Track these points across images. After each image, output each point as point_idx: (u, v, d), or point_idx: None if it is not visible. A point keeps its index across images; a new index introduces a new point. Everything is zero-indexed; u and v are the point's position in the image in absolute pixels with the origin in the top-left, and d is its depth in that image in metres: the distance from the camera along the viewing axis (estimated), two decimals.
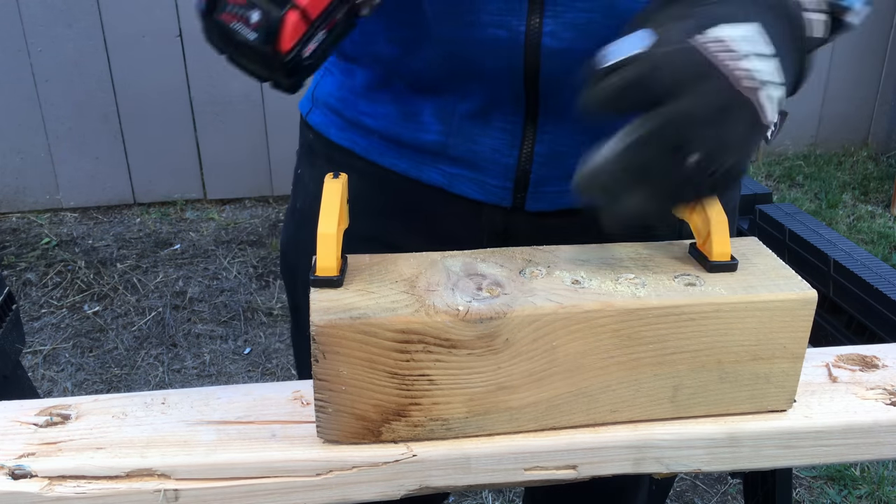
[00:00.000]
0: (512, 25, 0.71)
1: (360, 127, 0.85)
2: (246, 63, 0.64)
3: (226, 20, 0.61)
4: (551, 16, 0.71)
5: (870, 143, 4.09)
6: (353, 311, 0.54)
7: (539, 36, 0.72)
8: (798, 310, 0.59)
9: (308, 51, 0.63)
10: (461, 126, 0.80)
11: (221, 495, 0.57)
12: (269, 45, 0.60)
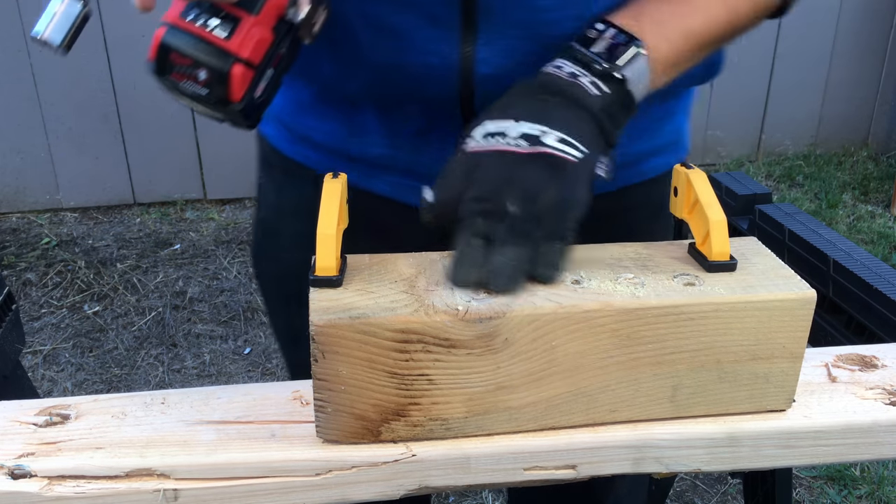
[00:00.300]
0: (444, 53, 0.73)
1: (309, 141, 0.86)
2: (202, 110, 0.65)
3: (176, 79, 0.63)
4: (484, 43, 0.73)
5: (870, 143, 4.09)
6: (353, 311, 0.54)
7: (472, 63, 0.73)
8: (797, 309, 0.59)
9: (259, 91, 0.65)
10: (406, 140, 0.81)
11: (221, 495, 0.57)
12: (220, 99, 0.63)
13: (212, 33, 0.62)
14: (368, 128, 0.82)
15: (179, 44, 0.62)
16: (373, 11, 0.72)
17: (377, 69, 0.75)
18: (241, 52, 0.62)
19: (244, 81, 0.63)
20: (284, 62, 0.67)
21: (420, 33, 0.72)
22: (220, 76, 0.62)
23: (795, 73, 3.81)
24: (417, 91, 0.76)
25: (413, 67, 0.74)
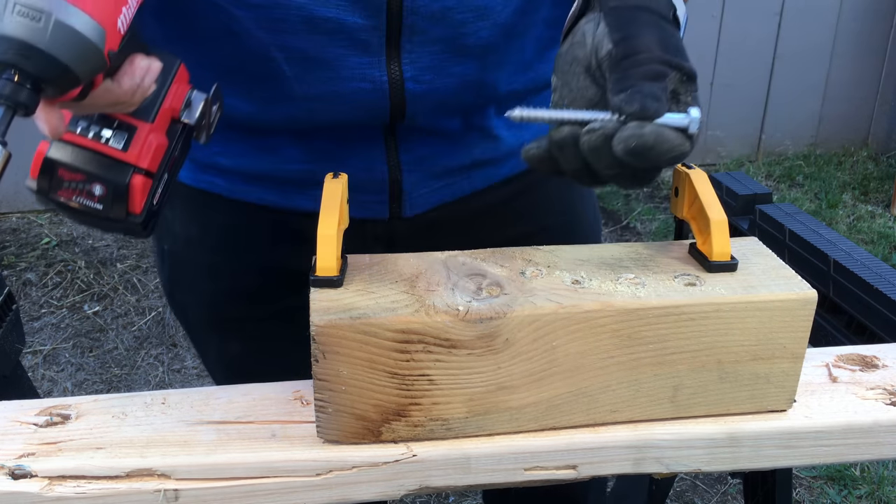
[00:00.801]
0: (374, 77, 0.73)
1: (216, 168, 0.84)
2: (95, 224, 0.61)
3: (65, 197, 0.58)
4: (408, 63, 0.74)
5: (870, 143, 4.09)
6: (353, 311, 0.54)
7: (402, 82, 0.74)
8: (798, 310, 0.59)
9: (157, 198, 0.62)
10: (325, 153, 0.80)
11: (221, 495, 0.57)
12: (119, 213, 0.59)
13: (107, 145, 0.58)
14: (284, 149, 0.81)
15: (68, 158, 0.58)
16: (299, 46, 0.71)
17: (304, 102, 0.75)
18: (141, 163, 0.59)
19: (144, 192, 0.60)
20: (178, 164, 0.65)
21: (349, 61, 0.72)
22: (119, 190, 0.58)
23: (795, 73, 3.81)
24: (346, 116, 0.76)
25: (343, 95, 0.74)
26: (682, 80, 0.59)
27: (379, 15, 0.70)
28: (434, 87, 0.75)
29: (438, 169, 0.84)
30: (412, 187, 0.83)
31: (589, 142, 0.56)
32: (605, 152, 0.56)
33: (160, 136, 0.61)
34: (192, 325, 0.99)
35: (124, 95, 0.56)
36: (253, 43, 0.72)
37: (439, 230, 0.84)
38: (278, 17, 0.70)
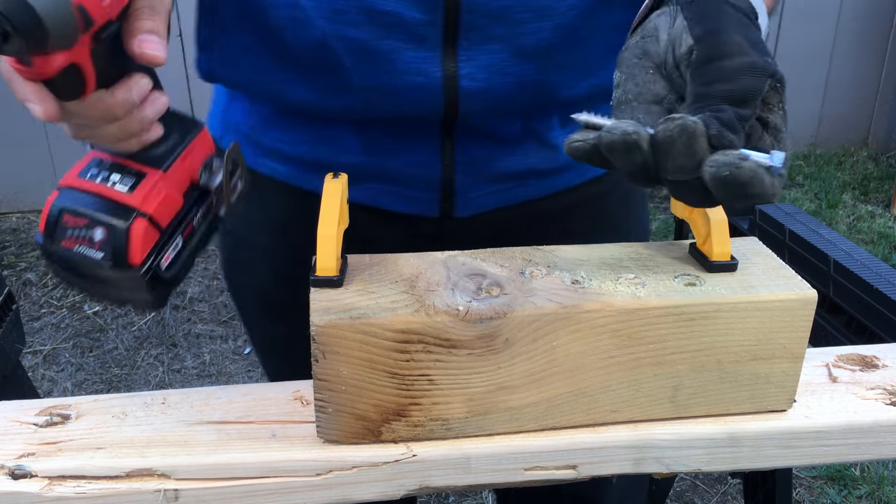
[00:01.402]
0: (429, 72, 0.73)
1: (277, 154, 0.85)
2: (100, 290, 0.58)
3: (68, 246, 0.56)
4: (465, 60, 0.73)
5: (870, 143, 4.09)
6: (353, 311, 0.54)
7: (456, 79, 0.74)
8: (798, 310, 0.59)
9: (166, 260, 0.58)
10: (383, 147, 0.81)
11: (221, 495, 0.57)
12: (119, 262, 0.55)
13: (112, 188, 0.56)
14: (343, 140, 0.81)
15: (72, 204, 0.56)
16: (357, 37, 0.72)
17: (361, 92, 0.75)
18: (144, 207, 0.56)
19: (147, 241, 0.56)
20: (198, 236, 0.61)
21: (405, 55, 0.73)
22: (119, 232, 0.55)
23: (795, 73, 3.81)
24: (401, 110, 0.76)
25: (399, 89, 0.74)
26: (774, 88, 0.54)
27: (436, 11, 0.71)
28: (490, 86, 0.75)
29: (493, 173, 0.83)
30: (465, 188, 0.83)
31: (665, 131, 0.51)
32: (678, 151, 0.51)
33: (171, 189, 0.58)
34: (244, 306, 1.00)
35: (116, 107, 0.54)
36: (315, 32, 0.73)
37: (490, 234, 0.83)
38: (339, 8, 0.71)
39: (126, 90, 0.55)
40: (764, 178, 0.49)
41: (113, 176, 0.57)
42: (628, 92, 0.57)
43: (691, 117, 0.50)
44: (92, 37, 0.52)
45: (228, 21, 0.77)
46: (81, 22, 0.49)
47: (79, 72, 0.52)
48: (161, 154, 0.59)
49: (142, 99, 0.56)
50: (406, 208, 0.84)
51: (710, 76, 0.52)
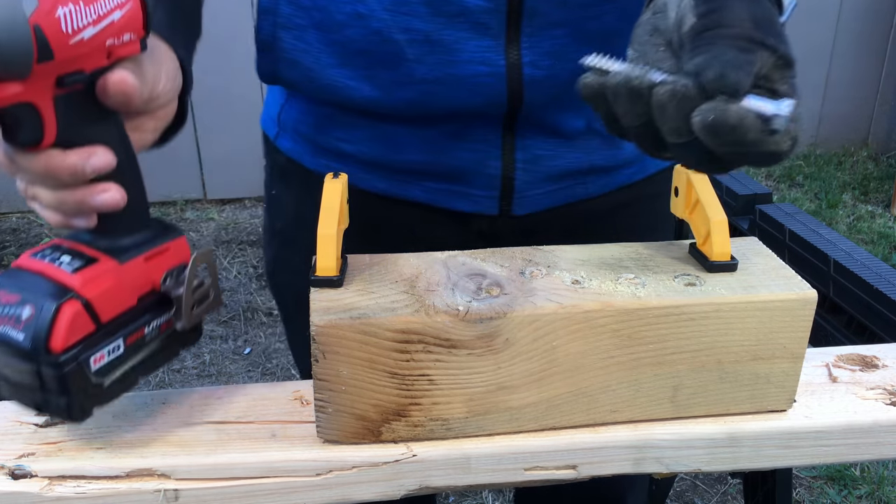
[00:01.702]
0: (492, 60, 0.73)
1: (335, 153, 0.85)
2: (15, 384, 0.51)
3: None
4: (528, 47, 0.73)
5: (870, 143, 4.09)
6: (353, 311, 0.54)
7: (520, 67, 0.74)
8: (798, 310, 0.59)
9: (97, 361, 0.52)
10: (442, 144, 0.80)
11: (221, 495, 0.57)
12: (37, 344, 0.49)
13: (57, 267, 0.52)
14: (402, 138, 0.81)
15: (10, 281, 0.51)
16: (420, 28, 0.72)
17: (423, 85, 0.75)
18: (83, 291, 0.51)
19: (74, 327, 0.50)
20: (147, 350, 0.56)
21: (468, 45, 0.72)
22: (45, 312, 0.49)
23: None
24: (464, 102, 0.76)
25: (462, 79, 0.74)
26: (778, 65, 0.51)
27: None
28: (553, 73, 0.74)
29: (554, 171, 0.83)
30: (525, 186, 0.82)
31: (657, 95, 0.50)
32: (670, 113, 0.50)
33: (123, 284, 0.54)
34: (288, 307, 0.99)
35: (62, 170, 0.51)
36: (378, 25, 0.72)
37: (545, 232, 0.83)
38: (402, 1, 0.71)
39: (80, 156, 0.51)
40: (757, 122, 0.47)
41: (63, 257, 0.53)
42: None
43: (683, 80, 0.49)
44: (56, 79, 0.49)
45: (289, 21, 0.77)
46: (37, 48, 0.46)
47: (36, 115, 0.49)
48: (123, 246, 0.55)
49: (94, 173, 0.52)
50: (464, 206, 0.83)
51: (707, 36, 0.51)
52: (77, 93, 0.50)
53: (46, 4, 0.46)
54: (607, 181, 0.86)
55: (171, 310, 0.57)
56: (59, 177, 0.52)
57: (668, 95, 0.50)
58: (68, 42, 0.47)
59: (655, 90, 0.50)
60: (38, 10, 0.45)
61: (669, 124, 0.51)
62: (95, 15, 0.49)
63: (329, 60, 0.77)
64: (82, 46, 0.48)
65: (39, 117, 0.49)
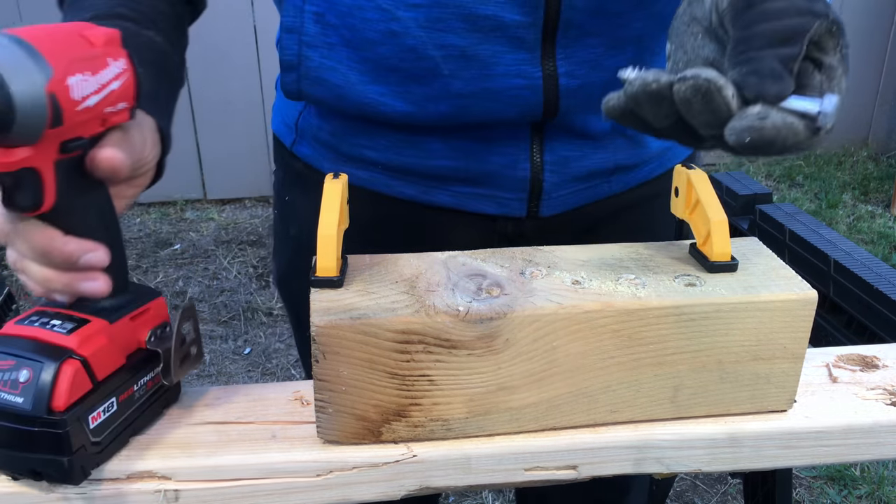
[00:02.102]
0: (528, 73, 0.73)
1: (359, 160, 0.84)
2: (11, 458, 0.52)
3: None
4: (563, 57, 0.73)
5: (870, 143, 4.09)
6: (354, 312, 0.54)
7: (556, 78, 0.74)
8: (798, 310, 0.59)
9: (94, 419, 0.53)
10: (471, 150, 0.80)
11: (222, 496, 0.57)
12: (39, 405, 0.50)
13: (50, 330, 0.53)
14: (429, 144, 0.81)
15: (3, 346, 0.52)
16: (456, 44, 0.72)
17: (458, 99, 0.75)
18: (81, 350, 0.52)
19: (75, 386, 0.51)
20: (136, 407, 0.57)
21: (505, 58, 0.73)
22: (46, 373, 0.50)
23: None
24: (498, 114, 0.76)
25: (497, 93, 0.74)
26: (829, 31, 0.49)
27: (537, 11, 0.70)
28: (588, 81, 0.75)
29: (582, 172, 0.83)
30: (553, 188, 0.82)
31: (678, 93, 0.49)
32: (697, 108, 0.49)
33: (114, 343, 0.55)
34: (300, 313, 0.98)
35: (60, 253, 0.53)
36: (412, 42, 0.72)
37: (567, 230, 0.84)
38: (437, 17, 0.71)
39: (80, 247, 0.54)
40: (794, 127, 0.46)
41: (53, 321, 0.54)
42: (678, 61, 0.55)
43: (705, 73, 0.47)
44: (59, 145, 0.50)
45: (315, 39, 0.77)
46: (51, 114, 0.48)
47: (38, 180, 0.50)
48: (109, 307, 0.57)
49: (86, 266, 0.54)
50: (491, 209, 0.83)
51: (751, 18, 0.49)
52: (74, 159, 0.52)
53: (59, 73, 0.48)
54: (630, 178, 0.87)
55: (157, 367, 0.59)
56: (53, 259, 0.54)
57: (692, 91, 0.48)
58: (76, 109, 0.50)
59: (676, 88, 0.49)
60: (52, 78, 0.48)
61: (699, 118, 0.50)
62: (98, 84, 0.51)
63: (359, 78, 0.76)
64: (86, 113, 0.51)
65: (41, 182, 0.51)
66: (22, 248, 0.54)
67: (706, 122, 0.50)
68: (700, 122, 0.50)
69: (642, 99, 0.51)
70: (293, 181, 0.92)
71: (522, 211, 0.83)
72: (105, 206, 0.56)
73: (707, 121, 0.50)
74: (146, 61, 0.65)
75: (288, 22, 0.78)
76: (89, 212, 0.55)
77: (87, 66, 0.50)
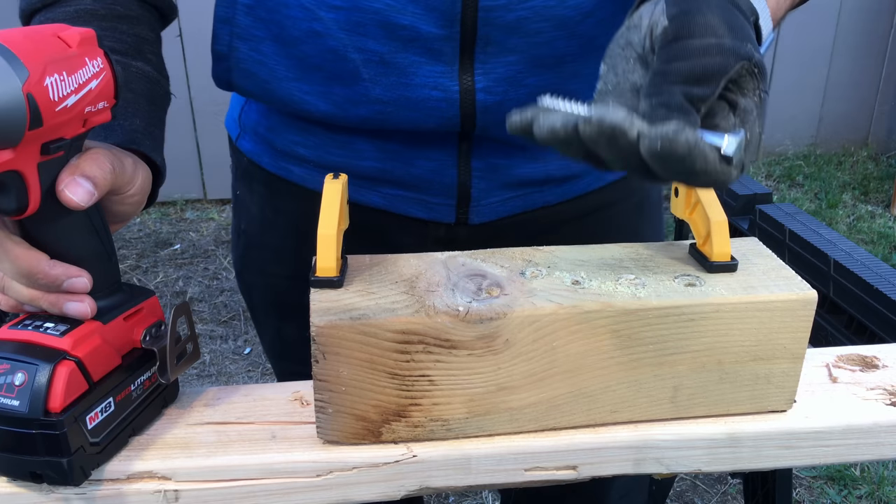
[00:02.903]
0: (445, 86, 0.73)
1: (292, 156, 0.85)
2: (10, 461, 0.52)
3: None
4: (482, 73, 0.73)
5: (870, 143, 4.09)
6: (354, 312, 0.54)
7: (473, 93, 0.74)
8: (798, 310, 0.59)
9: (92, 420, 0.53)
10: (397, 152, 0.80)
11: (222, 496, 0.57)
12: (35, 407, 0.50)
13: (43, 333, 0.53)
14: (358, 145, 0.81)
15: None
16: (375, 49, 0.72)
17: (378, 105, 0.75)
18: (75, 351, 0.52)
19: (71, 387, 0.52)
20: (133, 406, 0.57)
21: (422, 69, 0.73)
22: (41, 374, 0.51)
23: (795, 73, 3.81)
24: (418, 123, 0.76)
25: (415, 102, 0.74)
26: (750, 73, 0.50)
27: (453, 25, 0.71)
28: (507, 99, 0.75)
29: (511, 180, 0.83)
30: (481, 194, 0.82)
31: (583, 134, 0.49)
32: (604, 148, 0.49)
33: (108, 343, 0.56)
34: (255, 306, 1.00)
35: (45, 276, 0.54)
36: (334, 43, 0.73)
37: (503, 239, 0.82)
38: (358, 21, 0.71)
39: (65, 271, 0.54)
40: (707, 154, 0.46)
41: (47, 323, 0.54)
42: (608, 83, 0.55)
43: (610, 114, 0.47)
44: (41, 146, 0.50)
45: (246, 32, 0.77)
46: (30, 115, 0.48)
47: (22, 182, 0.50)
48: (103, 308, 0.57)
49: (69, 290, 0.55)
50: (421, 213, 0.84)
51: (674, 53, 0.49)
52: (58, 160, 0.52)
53: (36, 74, 0.48)
54: (567, 189, 0.87)
55: (153, 366, 0.59)
56: (37, 280, 0.54)
57: (597, 133, 0.48)
58: (55, 109, 0.50)
59: (581, 129, 0.49)
60: (29, 79, 0.47)
61: (607, 157, 0.50)
62: (76, 84, 0.51)
63: (285, 73, 0.77)
64: (66, 113, 0.51)
65: (24, 185, 0.51)
66: (6, 268, 0.54)
67: (614, 159, 0.50)
68: (609, 160, 0.50)
69: (550, 141, 0.51)
70: (241, 176, 0.94)
71: (451, 217, 0.83)
72: (92, 207, 0.56)
73: (615, 159, 0.50)
74: (138, 93, 0.67)
75: (221, 12, 0.79)
76: (76, 213, 0.55)
77: (65, 66, 0.50)
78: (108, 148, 0.58)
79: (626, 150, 0.48)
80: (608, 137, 0.47)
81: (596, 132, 0.48)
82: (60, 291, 0.55)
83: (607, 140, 0.47)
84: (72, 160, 0.54)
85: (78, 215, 0.55)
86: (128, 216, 0.63)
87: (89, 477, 0.55)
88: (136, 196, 0.61)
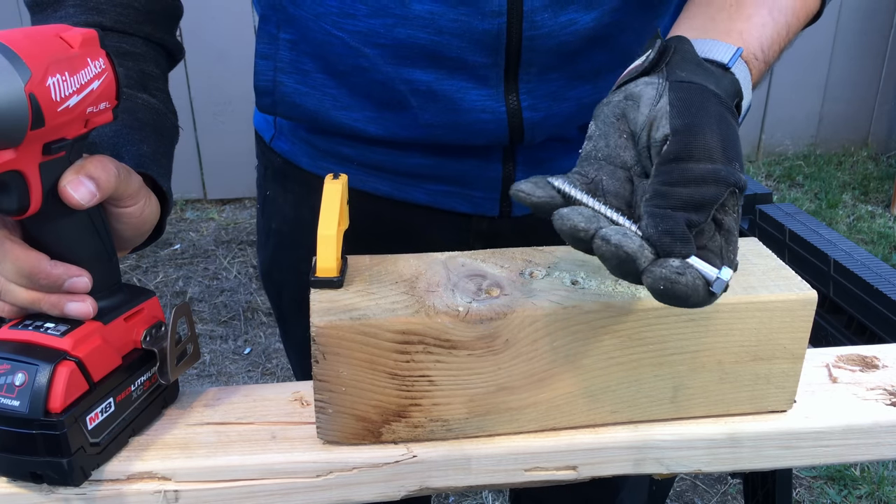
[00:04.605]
0: (492, 108, 0.76)
1: (335, 156, 0.85)
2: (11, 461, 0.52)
3: None
4: (526, 92, 0.76)
5: (870, 143, 4.09)
6: (354, 312, 0.54)
7: (519, 112, 0.76)
8: (798, 310, 0.59)
9: (93, 420, 0.54)
10: (448, 155, 0.82)
11: (222, 497, 0.57)
12: (35, 407, 0.51)
13: (43, 333, 0.53)
14: (406, 148, 0.82)
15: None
16: (421, 79, 0.74)
17: (428, 128, 0.77)
18: (75, 351, 0.52)
19: (71, 387, 0.52)
20: (134, 407, 0.58)
21: (470, 94, 0.75)
22: (41, 374, 0.51)
23: (795, 73, 3.81)
24: (469, 141, 0.78)
25: (464, 124, 0.76)
26: (732, 193, 0.53)
27: (499, 53, 0.73)
28: (551, 113, 0.77)
29: (553, 172, 0.84)
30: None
31: (597, 248, 0.50)
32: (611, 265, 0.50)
33: (109, 344, 0.56)
34: (283, 306, 1.00)
35: (46, 276, 0.54)
36: (381, 77, 0.75)
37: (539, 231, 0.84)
38: (404, 55, 0.73)
39: (66, 271, 0.54)
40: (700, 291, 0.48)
41: (47, 324, 0.54)
42: (599, 150, 0.56)
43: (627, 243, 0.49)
44: (43, 146, 0.50)
45: (290, 66, 0.79)
46: (32, 115, 0.48)
47: (23, 182, 0.50)
48: (103, 308, 0.57)
49: (69, 290, 0.55)
50: (465, 208, 0.85)
51: (675, 176, 0.51)
52: (59, 160, 0.52)
53: (38, 74, 0.48)
54: None
55: (153, 367, 0.59)
56: (38, 281, 0.54)
57: (609, 254, 0.49)
58: (57, 109, 0.50)
59: (596, 245, 0.50)
60: (31, 79, 0.47)
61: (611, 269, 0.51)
62: (78, 84, 0.51)
63: (333, 103, 0.79)
64: (68, 114, 0.51)
65: (26, 184, 0.51)
66: (6, 269, 0.54)
67: (614, 272, 0.51)
68: (610, 270, 0.51)
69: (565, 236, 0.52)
70: (273, 176, 0.94)
71: (495, 210, 0.85)
72: (93, 208, 0.56)
73: (615, 271, 0.51)
74: (144, 122, 0.67)
75: (263, 49, 0.80)
76: (77, 213, 0.55)
77: (67, 66, 0.50)
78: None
79: (629, 272, 0.49)
80: (620, 260, 0.49)
81: (610, 254, 0.49)
82: (61, 292, 0.55)
83: (618, 262, 0.49)
84: (77, 161, 0.54)
85: (79, 216, 0.55)
86: (132, 241, 0.63)
87: (89, 477, 0.55)
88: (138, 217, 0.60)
